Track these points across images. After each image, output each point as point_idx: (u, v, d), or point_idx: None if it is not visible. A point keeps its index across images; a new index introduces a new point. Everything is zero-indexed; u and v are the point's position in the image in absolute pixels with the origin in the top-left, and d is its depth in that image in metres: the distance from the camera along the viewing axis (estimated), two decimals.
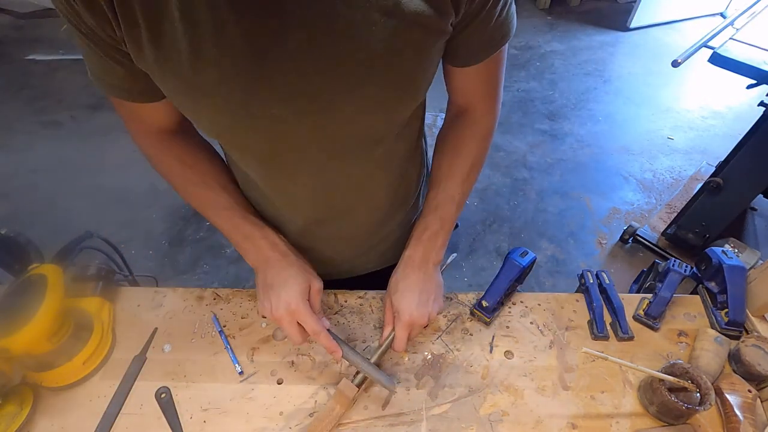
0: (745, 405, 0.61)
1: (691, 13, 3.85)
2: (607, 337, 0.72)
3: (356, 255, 0.77)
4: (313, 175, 0.58)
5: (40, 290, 0.60)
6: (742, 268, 0.73)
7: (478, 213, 2.25)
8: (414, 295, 0.63)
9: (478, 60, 0.54)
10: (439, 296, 0.67)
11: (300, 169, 0.57)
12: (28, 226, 1.58)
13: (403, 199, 0.71)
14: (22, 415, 0.59)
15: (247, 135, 0.51)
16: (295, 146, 0.53)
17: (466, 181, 0.65)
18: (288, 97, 0.46)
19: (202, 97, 0.46)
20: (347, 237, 0.72)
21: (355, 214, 0.67)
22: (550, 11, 4.00)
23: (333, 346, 0.60)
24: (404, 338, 0.63)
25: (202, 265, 1.99)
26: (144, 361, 0.68)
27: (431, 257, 0.66)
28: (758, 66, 1.41)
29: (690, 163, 2.52)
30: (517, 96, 3.03)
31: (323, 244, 0.72)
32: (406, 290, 0.64)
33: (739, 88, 1.73)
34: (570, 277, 1.96)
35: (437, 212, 0.65)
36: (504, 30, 0.52)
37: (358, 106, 0.49)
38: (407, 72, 0.48)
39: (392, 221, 0.72)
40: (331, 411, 0.60)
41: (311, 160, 0.55)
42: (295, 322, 0.59)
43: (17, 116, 2.75)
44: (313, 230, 0.68)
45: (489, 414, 0.63)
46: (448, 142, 0.66)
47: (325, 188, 0.61)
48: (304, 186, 0.60)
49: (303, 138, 0.51)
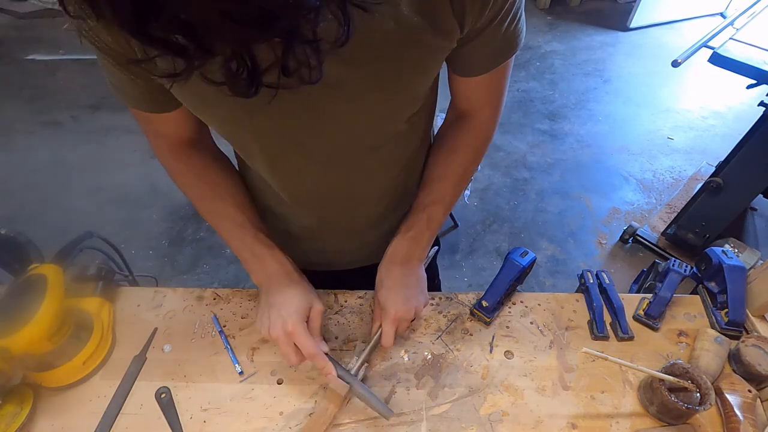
0: (745, 405, 0.61)
1: (691, 13, 3.85)
2: (607, 337, 0.72)
3: (359, 247, 0.78)
4: (317, 178, 0.60)
5: (40, 290, 0.60)
6: (742, 268, 0.73)
7: (478, 213, 2.25)
8: (398, 291, 0.64)
9: (483, 71, 0.54)
10: (423, 289, 0.67)
11: (304, 173, 0.58)
12: (28, 226, 1.58)
13: (404, 194, 0.71)
14: (22, 415, 0.59)
15: (252, 142, 0.54)
16: (297, 153, 0.54)
17: (458, 185, 0.66)
18: (289, 110, 0.47)
19: (210, 107, 0.49)
20: (351, 232, 0.73)
21: (360, 212, 0.69)
22: (550, 11, 4.00)
23: (327, 367, 0.60)
24: (391, 333, 0.64)
25: (202, 265, 1.99)
26: (144, 361, 0.68)
27: (415, 254, 0.67)
28: (758, 66, 1.41)
29: (690, 163, 2.52)
30: (517, 96, 3.03)
31: (329, 238, 0.75)
32: (391, 287, 0.65)
33: (739, 88, 1.74)
34: (570, 277, 1.96)
35: (425, 212, 0.66)
36: (511, 43, 0.51)
37: (358, 116, 0.50)
38: (406, 86, 0.49)
39: (394, 215, 0.73)
40: (324, 411, 0.60)
41: (314, 165, 0.57)
42: (291, 343, 0.59)
43: (17, 116, 2.75)
44: (319, 225, 0.70)
45: (489, 414, 0.63)
46: (446, 143, 0.66)
47: (329, 190, 0.62)
48: (309, 187, 0.61)
49: (305, 146, 0.53)
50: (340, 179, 0.61)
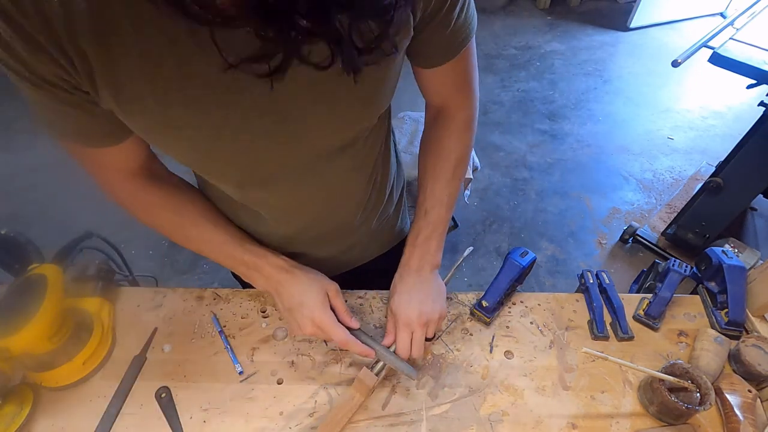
0: (745, 405, 0.61)
1: (691, 13, 3.84)
2: (607, 337, 0.72)
3: (340, 252, 0.76)
4: (290, 186, 0.57)
5: (40, 290, 0.60)
6: (742, 268, 0.73)
7: (478, 213, 2.25)
8: (408, 296, 0.64)
9: (443, 61, 0.55)
10: (438, 298, 0.66)
11: (276, 181, 0.56)
12: (28, 226, 1.58)
13: (379, 194, 0.71)
14: (22, 415, 0.60)
15: (220, 160, 0.50)
16: (268, 161, 0.52)
17: (451, 181, 0.66)
18: (257, 120, 0.45)
19: (173, 131, 0.44)
20: (329, 238, 0.71)
21: (336, 216, 0.67)
22: (550, 11, 3.99)
23: (365, 350, 0.60)
24: (406, 340, 0.63)
25: (202, 265, 1.99)
26: (144, 361, 0.68)
27: (427, 260, 0.67)
28: (758, 66, 1.41)
29: (690, 163, 2.52)
30: (517, 96, 3.03)
31: (308, 248, 0.72)
32: (402, 293, 0.65)
33: (739, 88, 1.73)
34: (570, 277, 1.96)
35: (427, 217, 0.66)
36: (464, 32, 0.53)
37: (328, 120, 0.49)
38: (373, 85, 0.49)
39: (372, 216, 0.73)
40: (351, 399, 0.61)
41: (286, 171, 0.55)
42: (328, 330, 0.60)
43: (17, 116, 2.74)
44: (296, 237, 0.68)
45: (489, 414, 0.63)
46: (430, 144, 0.67)
47: (304, 196, 0.60)
48: (282, 196, 0.59)
49: (276, 153, 0.51)
50: (317, 184, 0.59)
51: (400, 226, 0.84)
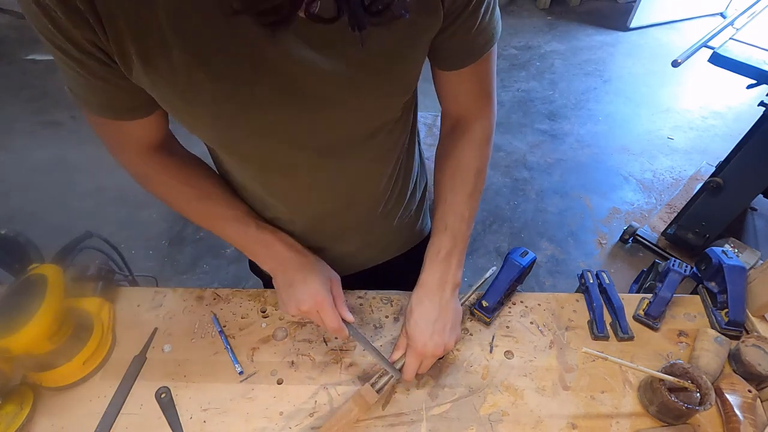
0: (745, 405, 0.61)
1: (691, 13, 3.84)
2: (607, 337, 0.72)
3: (358, 250, 0.76)
4: (311, 173, 0.58)
5: (40, 290, 0.60)
6: (742, 268, 0.73)
7: (478, 213, 2.23)
8: (429, 324, 0.61)
9: (465, 64, 0.55)
10: (456, 325, 0.64)
11: (297, 168, 0.57)
12: (28, 226, 1.57)
13: (401, 190, 0.70)
14: (22, 415, 0.60)
15: (244, 139, 0.51)
16: (290, 146, 0.53)
17: (472, 195, 0.64)
18: (283, 100, 0.46)
19: (199, 106, 0.45)
20: (348, 233, 0.71)
21: (355, 209, 0.67)
22: (550, 11, 3.99)
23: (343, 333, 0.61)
24: (414, 367, 0.62)
25: (202, 265, 1.99)
26: (144, 361, 0.68)
27: (448, 279, 0.63)
28: (758, 66, 1.41)
29: (690, 163, 2.52)
30: (517, 96, 3.03)
31: (325, 242, 0.72)
32: (421, 317, 0.62)
33: (739, 88, 1.73)
34: (570, 277, 1.96)
35: (448, 231, 0.63)
36: (488, 35, 0.52)
37: (352, 105, 0.49)
38: (399, 71, 0.49)
39: (392, 214, 0.72)
40: (349, 412, 0.61)
41: (307, 158, 0.55)
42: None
43: (17, 116, 2.75)
44: (314, 229, 0.68)
45: (489, 414, 0.63)
46: (448, 157, 0.65)
47: (324, 185, 0.60)
48: (302, 184, 0.59)
49: (298, 137, 0.51)
50: (337, 173, 0.59)
51: (420, 226, 0.82)
